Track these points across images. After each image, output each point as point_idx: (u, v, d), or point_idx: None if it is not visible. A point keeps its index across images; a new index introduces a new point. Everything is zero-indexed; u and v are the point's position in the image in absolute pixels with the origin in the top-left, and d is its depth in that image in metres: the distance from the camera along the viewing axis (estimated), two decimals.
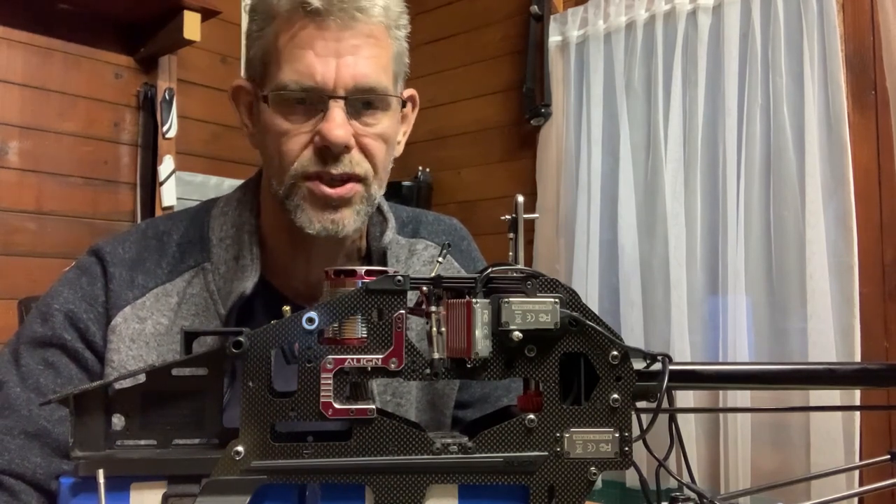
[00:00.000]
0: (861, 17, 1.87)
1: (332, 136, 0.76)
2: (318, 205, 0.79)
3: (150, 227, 0.89)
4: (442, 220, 1.02)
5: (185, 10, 2.14)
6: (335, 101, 0.76)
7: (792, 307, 1.86)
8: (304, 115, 0.78)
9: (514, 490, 0.53)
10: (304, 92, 0.77)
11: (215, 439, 0.54)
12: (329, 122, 0.76)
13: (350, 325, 0.52)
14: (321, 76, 0.76)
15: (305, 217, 0.79)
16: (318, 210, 0.79)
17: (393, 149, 0.85)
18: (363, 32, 0.77)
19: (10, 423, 0.77)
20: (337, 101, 0.76)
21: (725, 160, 1.98)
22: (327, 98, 0.76)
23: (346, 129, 0.77)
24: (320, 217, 0.79)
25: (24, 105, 2.09)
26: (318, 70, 0.76)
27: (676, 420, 0.58)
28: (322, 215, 0.79)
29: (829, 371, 0.62)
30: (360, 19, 0.77)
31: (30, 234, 2.08)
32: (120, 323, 0.82)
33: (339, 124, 0.76)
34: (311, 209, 0.79)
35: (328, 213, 0.79)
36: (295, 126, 0.78)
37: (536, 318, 0.52)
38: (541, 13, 2.42)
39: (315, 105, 0.77)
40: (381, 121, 0.81)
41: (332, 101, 0.76)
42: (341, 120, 0.76)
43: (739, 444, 1.87)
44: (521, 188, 2.02)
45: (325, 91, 0.76)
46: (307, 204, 0.79)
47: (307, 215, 0.79)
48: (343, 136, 0.76)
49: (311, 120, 0.78)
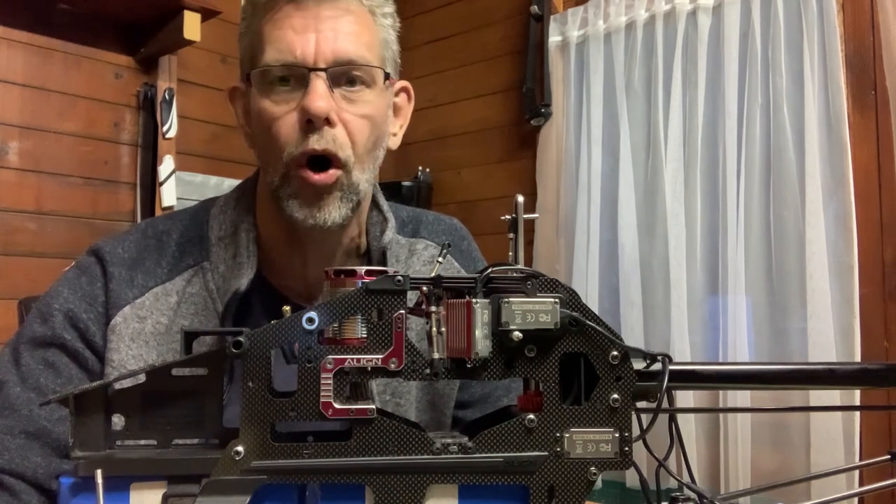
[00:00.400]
0: (861, 17, 1.87)
1: (313, 108, 0.76)
2: (306, 194, 0.79)
3: (150, 227, 0.90)
4: (442, 219, 1.02)
5: (185, 10, 2.14)
6: (316, 73, 0.76)
7: (792, 307, 1.86)
8: (288, 95, 0.78)
9: (514, 490, 0.53)
10: (286, 68, 0.77)
11: (215, 439, 0.54)
12: (310, 95, 0.76)
13: (350, 325, 0.52)
14: (301, 51, 0.76)
15: (295, 205, 0.79)
16: (306, 201, 0.79)
17: (380, 132, 0.84)
18: (341, 9, 0.78)
19: (11, 422, 0.77)
20: (318, 74, 0.76)
21: (725, 160, 1.98)
22: (308, 72, 0.77)
23: (327, 101, 0.76)
24: (307, 208, 0.79)
25: (24, 105, 2.09)
26: (297, 45, 0.76)
27: (676, 420, 0.58)
28: (309, 206, 0.79)
29: (829, 371, 0.62)
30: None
31: (30, 234, 2.08)
32: (120, 322, 0.82)
33: (319, 95, 0.76)
34: (300, 200, 0.79)
35: (315, 203, 0.79)
36: (280, 108, 0.78)
37: (536, 318, 0.52)
38: (541, 13, 2.42)
39: (298, 82, 0.78)
40: (365, 97, 0.80)
41: (312, 74, 0.76)
42: (322, 91, 0.76)
43: (739, 444, 1.87)
44: (521, 188, 2.02)
45: (306, 65, 0.77)
46: (296, 195, 0.79)
47: (297, 205, 0.79)
48: (324, 108, 0.76)
49: (295, 100, 0.78)
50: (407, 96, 0.92)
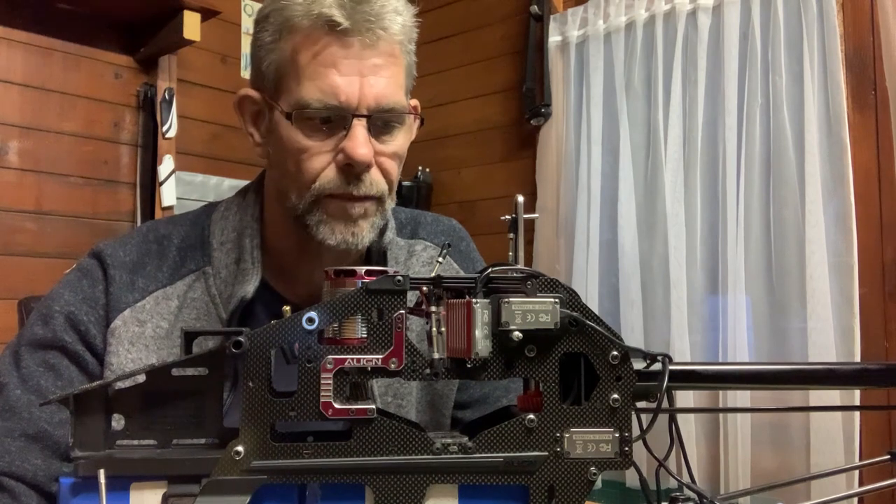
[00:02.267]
0: (861, 17, 1.87)
1: (356, 155, 0.77)
2: (340, 219, 0.81)
3: (151, 231, 0.89)
4: (441, 220, 1.02)
5: (185, 10, 2.14)
6: (358, 119, 0.77)
7: (792, 307, 1.86)
8: (326, 133, 0.79)
9: (514, 490, 0.53)
10: (328, 110, 0.77)
11: (215, 439, 0.54)
12: (353, 141, 0.77)
13: (350, 325, 0.52)
14: (346, 95, 0.77)
15: (328, 230, 0.80)
16: (340, 224, 0.81)
17: (403, 162, 0.87)
18: (384, 52, 0.79)
19: (11, 424, 0.77)
20: (360, 120, 0.77)
21: (725, 160, 1.98)
22: (351, 117, 0.77)
23: (369, 148, 0.78)
24: (342, 230, 0.81)
25: (24, 105, 2.09)
26: (342, 89, 0.76)
27: (676, 420, 0.58)
28: (344, 229, 0.81)
29: (829, 371, 0.62)
30: (383, 37, 0.78)
31: (30, 234, 2.08)
32: (119, 326, 0.82)
33: (362, 143, 0.77)
34: (333, 223, 0.80)
35: (350, 227, 0.81)
36: (316, 144, 0.79)
37: (536, 318, 0.52)
38: (541, 13, 2.42)
39: (337, 123, 0.78)
40: (396, 139, 0.82)
41: (355, 120, 0.77)
42: (364, 139, 0.78)
43: (739, 444, 1.87)
44: (521, 188, 2.02)
45: (349, 110, 0.77)
46: (330, 219, 0.80)
47: (329, 228, 0.80)
48: (367, 155, 0.77)
49: (333, 138, 0.78)
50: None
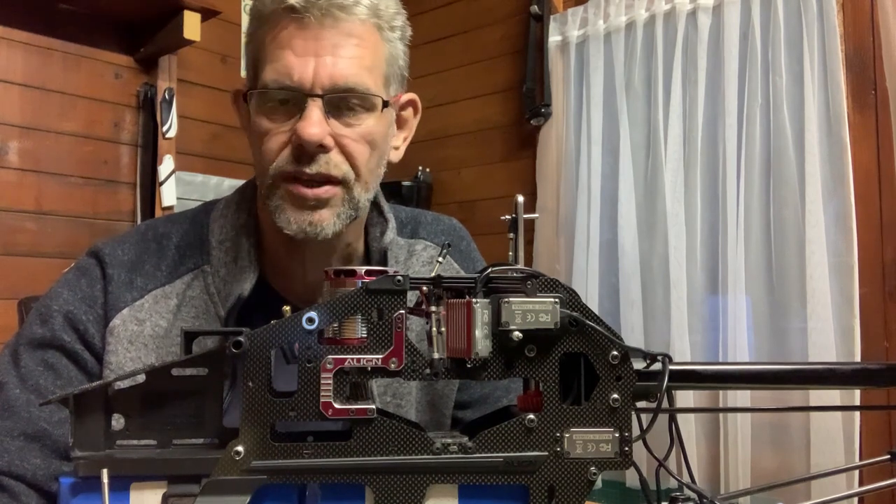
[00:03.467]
0: (861, 17, 1.87)
1: (305, 135, 0.76)
2: (295, 205, 0.79)
3: (150, 230, 0.89)
4: (441, 220, 1.02)
5: (185, 10, 2.14)
6: (312, 99, 0.76)
7: (792, 307, 1.86)
8: (285, 114, 0.78)
9: (514, 490, 0.53)
10: (283, 91, 0.77)
11: (215, 439, 0.54)
12: (304, 121, 0.76)
13: (350, 325, 0.52)
14: (298, 75, 0.76)
15: (284, 217, 0.79)
16: (295, 210, 0.79)
17: (381, 151, 0.84)
18: (344, 31, 0.77)
19: (10, 424, 0.77)
20: (314, 101, 0.76)
21: (725, 160, 1.98)
22: (305, 97, 0.76)
23: (321, 128, 0.76)
24: (298, 218, 0.79)
25: (24, 105, 2.09)
26: (295, 69, 0.76)
27: (676, 420, 0.58)
28: (300, 216, 0.79)
29: (829, 371, 0.62)
30: (342, 18, 0.77)
31: (30, 234, 2.08)
32: (118, 324, 0.82)
33: (313, 122, 0.76)
34: (289, 209, 0.79)
35: (306, 214, 0.79)
36: (275, 125, 0.79)
37: (536, 318, 0.52)
38: (541, 13, 2.42)
39: (294, 105, 0.78)
40: (363, 121, 0.80)
41: (309, 100, 0.76)
42: (317, 118, 0.76)
43: (739, 444, 1.87)
44: (521, 188, 2.02)
45: (303, 90, 0.76)
46: (286, 204, 0.79)
47: (286, 216, 0.79)
48: (317, 135, 0.76)
49: (291, 120, 0.78)
50: (413, 109, 0.91)
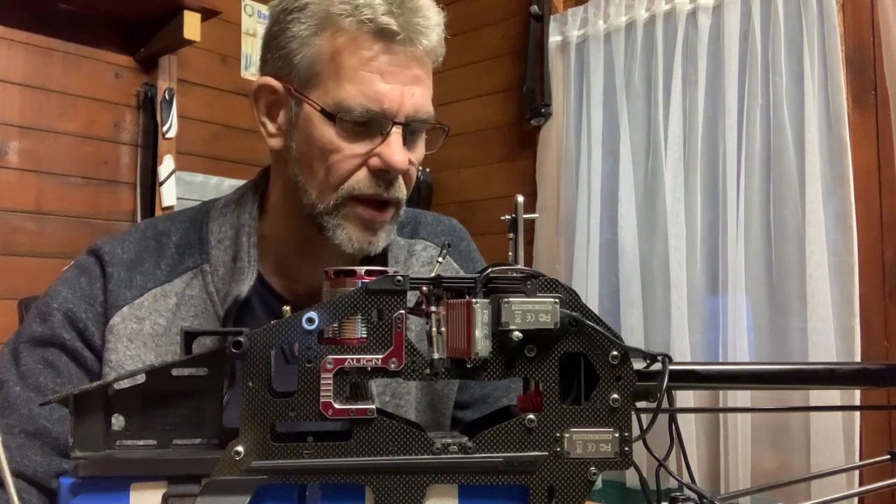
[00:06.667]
0: (861, 17, 1.87)
1: (394, 162, 0.78)
2: (362, 226, 0.81)
3: (150, 228, 0.89)
4: (441, 220, 1.02)
5: (185, 10, 2.14)
6: (397, 127, 0.78)
7: (792, 307, 1.86)
8: (361, 136, 0.79)
9: (514, 490, 0.53)
10: (370, 115, 0.78)
11: (215, 439, 0.54)
12: (390, 147, 0.78)
13: (350, 325, 0.52)
14: (389, 103, 0.78)
15: (345, 235, 0.81)
16: (361, 230, 0.81)
17: None
18: (424, 63, 0.82)
19: (11, 421, 0.77)
20: (398, 128, 0.79)
21: (725, 160, 1.98)
22: (391, 123, 0.78)
23: (404, 155, 0.79)
24: (361, 237, 0.81)
25: (24, 105, 2.09)
26: (386, 98, 0.78)
27: (676, 420, 0.58)
28: (363, 236, 0.82)
29: (829, 371, 0.62)
30: (426, 49, 0.81)
31: (30, 234, 2.08)
32: (118, 323, 0.82)
33: (400, 150, 0.79)
34: (353, 229, 0.81)
35: (369, 235, 0.82)
36: (349, 145, 0.79)
37: (536, 318, 0.52)
38: (541, 13, 2.42)
39: (374, 128, 0.79)
40: (420, 147, 0.84)
41: (394, 128, 0.78)
42: (400, 145, 0.79)
43: (739, 444, 1.87)
44: (521, 188, 2.02)
45: (390, 116, 0.78)
46: (351, 224, 0.81)
47: (347, 234, 0.81)
48: (403, 162, 0.79)
49: (367, 142, 0.79)
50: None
